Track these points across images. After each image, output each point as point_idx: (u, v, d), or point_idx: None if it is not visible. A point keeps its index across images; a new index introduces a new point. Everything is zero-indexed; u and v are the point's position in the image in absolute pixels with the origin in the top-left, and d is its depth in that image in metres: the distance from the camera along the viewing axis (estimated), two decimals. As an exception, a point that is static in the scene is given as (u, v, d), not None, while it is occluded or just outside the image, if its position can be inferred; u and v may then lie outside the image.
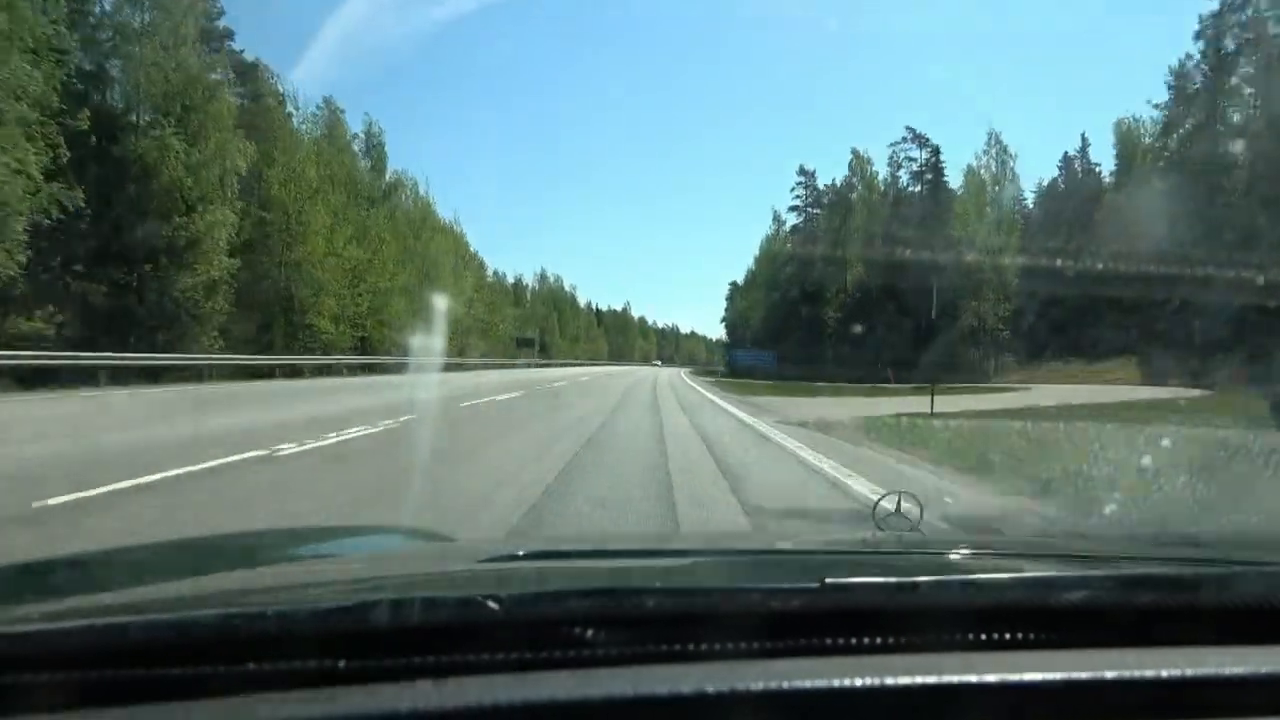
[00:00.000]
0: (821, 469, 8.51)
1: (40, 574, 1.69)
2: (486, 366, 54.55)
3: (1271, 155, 37.32)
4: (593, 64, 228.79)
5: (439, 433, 11.25)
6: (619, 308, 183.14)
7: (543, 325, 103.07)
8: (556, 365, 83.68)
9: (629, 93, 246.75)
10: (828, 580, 1.03)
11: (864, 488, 7.01)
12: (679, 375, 62.65)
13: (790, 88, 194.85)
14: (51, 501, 5.33)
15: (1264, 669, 0.94)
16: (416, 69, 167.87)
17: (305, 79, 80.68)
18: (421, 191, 55.81)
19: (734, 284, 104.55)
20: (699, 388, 34.46)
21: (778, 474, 8.58)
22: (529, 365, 69.42)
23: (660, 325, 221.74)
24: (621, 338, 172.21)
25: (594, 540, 3.35)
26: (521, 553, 1.57)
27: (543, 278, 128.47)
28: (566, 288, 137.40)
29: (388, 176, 51.92)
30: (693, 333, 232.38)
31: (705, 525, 5.57)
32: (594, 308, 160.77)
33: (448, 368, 42.93)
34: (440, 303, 46.56)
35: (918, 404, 18.75)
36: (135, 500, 5.60)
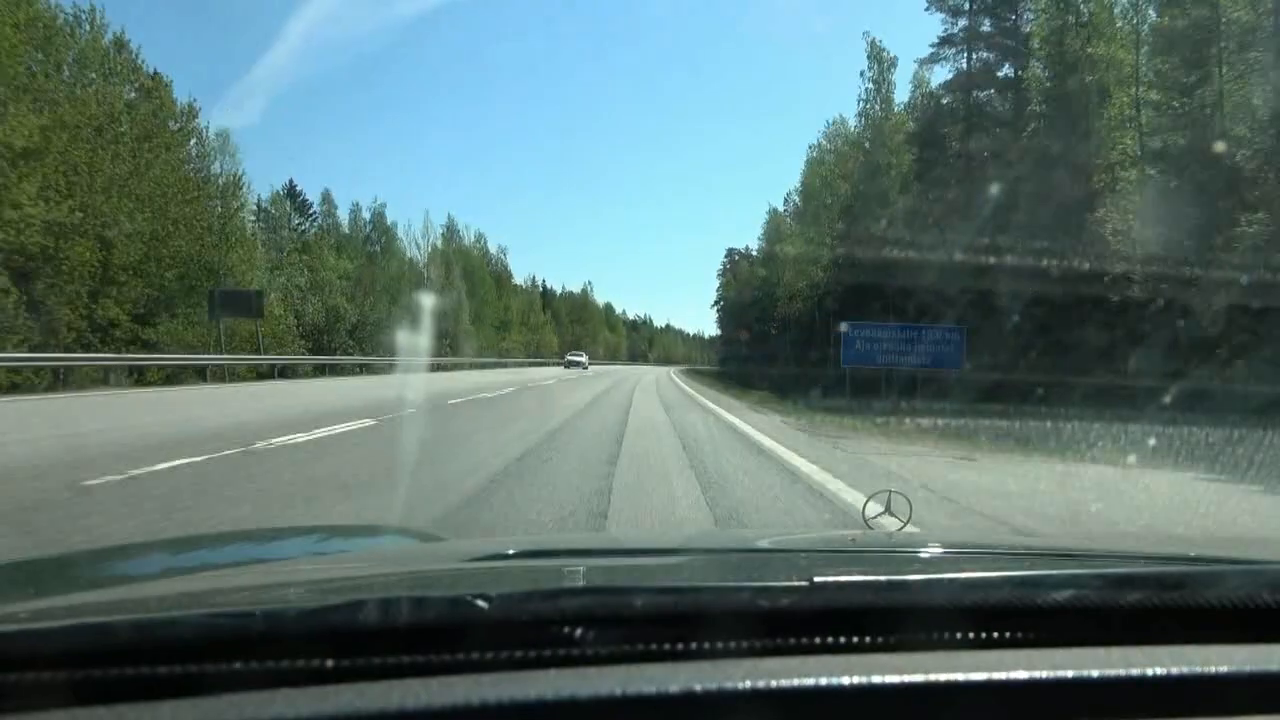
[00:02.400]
0: None
1: (28, 573, 1.68)
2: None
3: None
4: (561, 36, 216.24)
5: None
6: (576, 289, 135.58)
7: (444, 301, 59.12)
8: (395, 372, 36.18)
9: (601, 72, 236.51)
10: (816, 579, 1.03)
11: None
12: (677, 395, 24.37)
13: (782, 56, 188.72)
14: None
15: (1249, 667, 0.94)
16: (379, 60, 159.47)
17: (272, 72, 77.32)
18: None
19: (733, 254, 78.29)
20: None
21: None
22: (263, 371, 29.85)
23: (631, 316, 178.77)
24: (580, 328, 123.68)
25: (583, 540, 3.35)
26: (511, 552, 1.57)
27: (449, 232, 72.72)
28: (493, 251, 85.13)
29: None
30: (669, 326, 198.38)
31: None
32: (540, 285, 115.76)
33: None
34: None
35: None
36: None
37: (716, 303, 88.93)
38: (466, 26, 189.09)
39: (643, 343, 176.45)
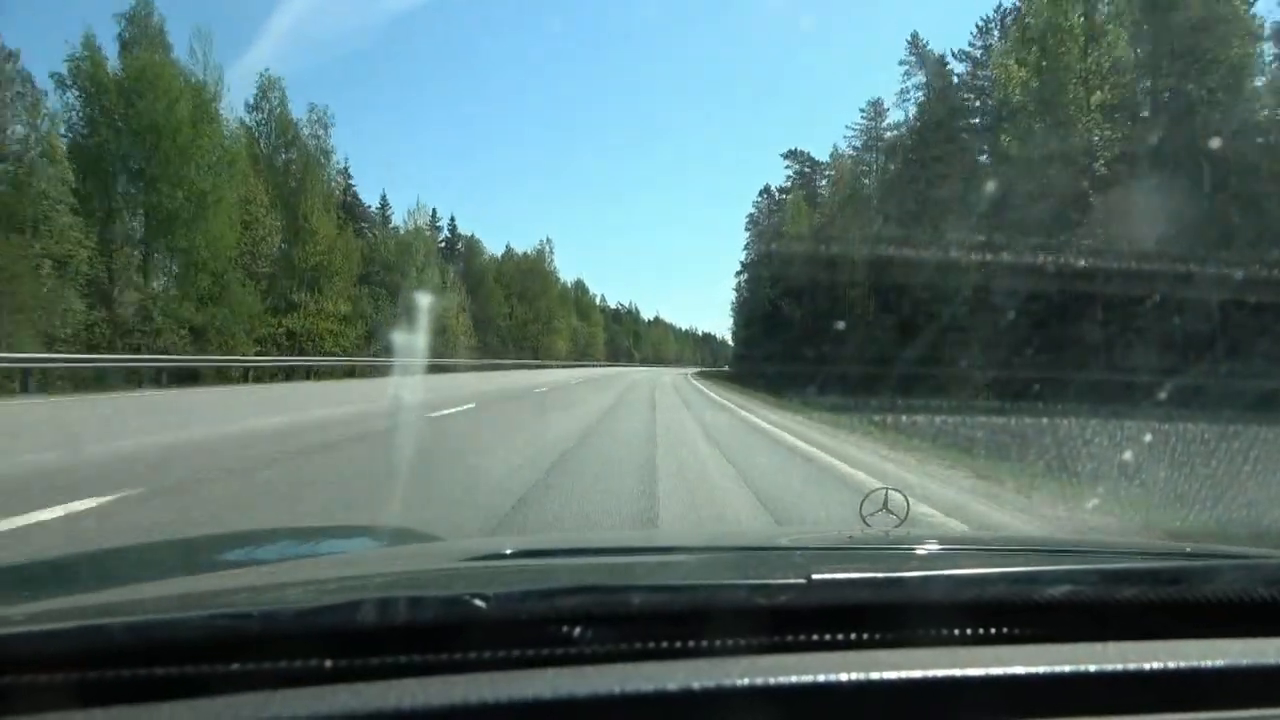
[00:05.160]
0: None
1: (25, 575, 1.68)
2: None
3: None
4: (552, 27, 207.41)
5: None
6: (531, 251, 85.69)
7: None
8: None
9: (597, 62, 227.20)
10: (814, 576, 1.03)
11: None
12: None
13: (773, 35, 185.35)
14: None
15: (1244, 661, 0.95)
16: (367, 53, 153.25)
17: (255, 66, 70.15)
18: None
19: (772, 192, 59.67)
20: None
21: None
22: None
23: (613, 306, 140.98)
24: (527, 308, 77.14)
25: (580, 539, 3.36)
26: (508, 551, 1.57)
27: (136, 32, 29.40)
28: (303, 122, 40.91)
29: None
30: (658, 319, 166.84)
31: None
32: (445, 227, 71.51)
33: None
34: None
35: None
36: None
37: (740, 271, 66.05)
38: (455, 17, 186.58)
39: (626, 337, 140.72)
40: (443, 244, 68.16)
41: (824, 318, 37.34)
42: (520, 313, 75.35)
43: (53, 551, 3.49)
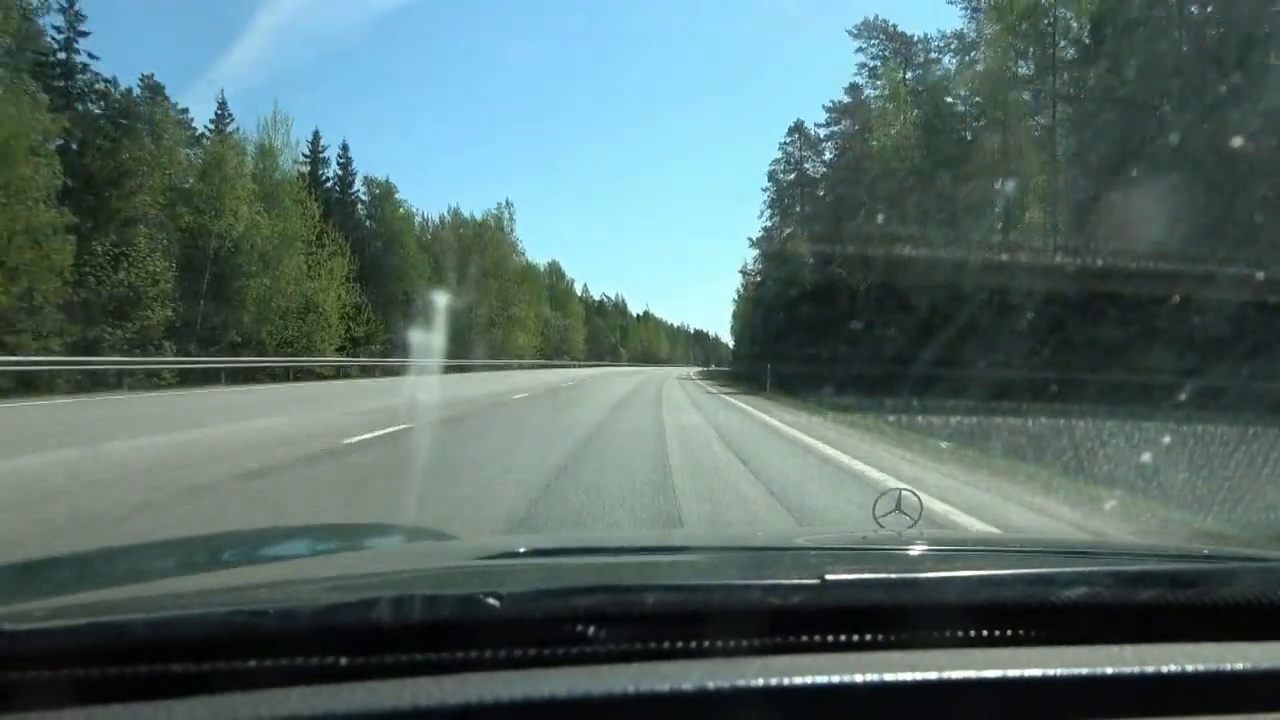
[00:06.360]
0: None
1: (43, 572, 1.70)
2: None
3: None
4: (547, 21, 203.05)
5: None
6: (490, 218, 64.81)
7: None
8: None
9: (597, 55, 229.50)
10: (828, 577, 1.03)
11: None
12: None
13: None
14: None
15: (1263, 664, 0.94)
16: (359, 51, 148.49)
17: (243, 64, 63.58)
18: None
19: (805, 130, 48.64)
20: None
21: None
22: None
23: (598, 298, 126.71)
24: (472, 289, 54.40)
25: (594, 538, 3.36)
26: (523, 550, 1.58)
27: None
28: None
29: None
30: (647, 314, 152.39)
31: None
32: (331, 157, 46.14)
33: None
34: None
35: None
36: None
37: (757, 240, 54.46)
38: (452, 12, 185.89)
39: (612, 333, 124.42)
40: (331, 184, 45.59)
41: (885, 250, 28.21)
42: (464, 294, 53.83)
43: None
